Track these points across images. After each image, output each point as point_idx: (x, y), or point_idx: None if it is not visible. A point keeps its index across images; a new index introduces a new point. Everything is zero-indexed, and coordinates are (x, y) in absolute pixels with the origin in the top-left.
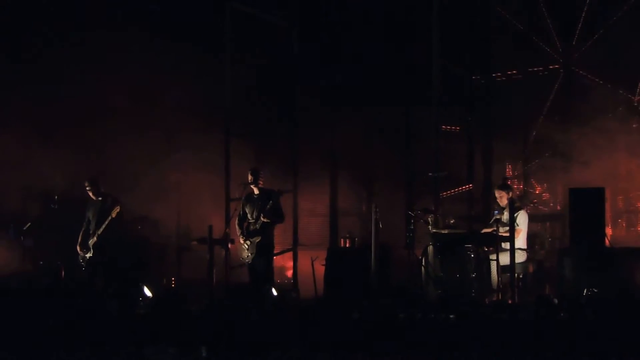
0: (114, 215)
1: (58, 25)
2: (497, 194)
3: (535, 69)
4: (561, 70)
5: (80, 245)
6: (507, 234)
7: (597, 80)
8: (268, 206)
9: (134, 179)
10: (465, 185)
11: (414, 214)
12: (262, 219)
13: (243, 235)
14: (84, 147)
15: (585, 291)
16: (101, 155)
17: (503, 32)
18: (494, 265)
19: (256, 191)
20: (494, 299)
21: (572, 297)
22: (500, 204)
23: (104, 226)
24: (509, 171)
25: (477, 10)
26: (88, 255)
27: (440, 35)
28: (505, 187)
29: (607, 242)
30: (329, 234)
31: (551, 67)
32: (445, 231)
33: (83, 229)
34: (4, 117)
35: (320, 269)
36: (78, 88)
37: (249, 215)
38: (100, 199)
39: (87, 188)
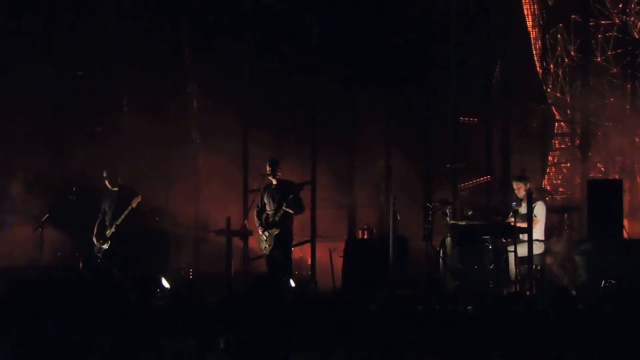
0: (134, 205)
1: (76, 17)
2: (515, 185)
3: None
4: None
5: (96, 237)
6: (525, 225)
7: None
8: (290, 197)
9: (151, 170)
10: (483, 177)
11: (432, 205)
12: (284, 208)
13: (262, 227)
14: (102, 137)
15: (603, 283)
16: (119, 146)
17: None
18: (511, 256)
19: (274, 182)
20: (512, 290)
21: (590, 289)
22: (518, 196)
23: (123, 216)
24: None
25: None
26: (105, 246)
27: (458, 28)
28: (523, 179)
29: (625, 233)
30: (347, 226)
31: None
32: (463, 223)
33: (98, 220)
34: (23, 109)
35: (339, 261)
36: (96, 79)
37: (267, 207)
38: (116, 189)
39: (105, 177)
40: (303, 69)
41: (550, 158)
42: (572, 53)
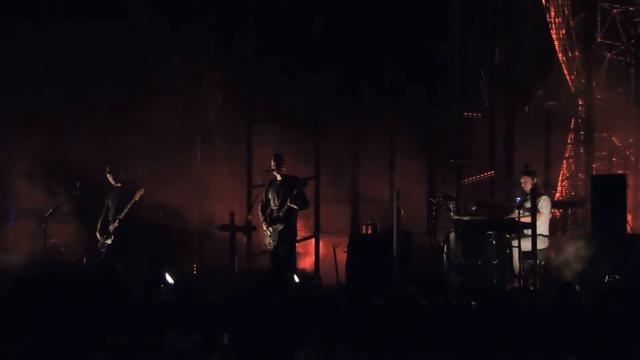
0: (137, 198)
1: (78, 17)
2: (522, 179)
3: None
4: None
5: (99, 232)
6: (529, 220)
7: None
8: (294, 193)
9: (156, 165)
10: (487, 172)
11: (435, 200)
12: (289, 204)
13: (266, 222)
14: (106, 133)
15: (607, 278)
16: (123, 142)
17: None
18: (515, 251)
19: (279, 178)
20: (516, 285)
21: (594, 284)
22: (525, 190)
23: (126, 210)
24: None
25: None
26: (108, 241)
27: (461, 23)
28: (530, 173)
29: (628, 228)
30: (350, 221)
31: None
32: (467, 218)
33: (102, 216)
34: (27, 105)
35: (342, 256)
36: (100, 76)
37: (271, 202)
38: (119, 184)
39: (108, 173)
40: (307, 65)
41: (569, 147)
42: (599, 39)
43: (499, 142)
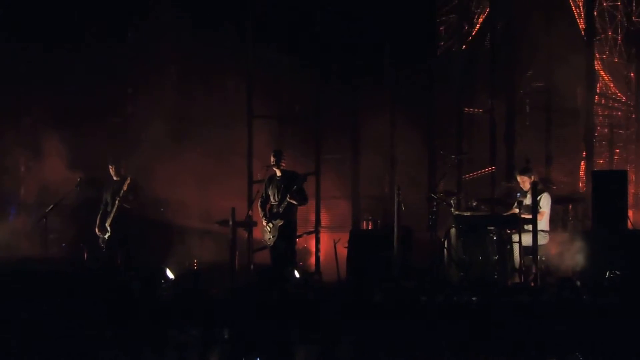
0: (125, 187)
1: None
2: (519, 179)
3: None
4: None
5: (98, 227)
6: (530, 216)
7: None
8: (294, 188)
9: (156, 161)
10: (487, 168)
11: (436, 196)
12: (288, 199)
13: (266, 218)
14: (107, 129)
15: (607, 273)
16: (124, 137)
17: None
18: (516, 247)
19: (279, 173)
20: (516, 281)
21: (595, 280)
22: (523, 189)
23: (117, 203)
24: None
25: None
26: (107, 236)
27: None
28: (526, 172)
29: (629, 224)
30: (351, 216)
31: None
32: (468, 213)
33: (101, 212)
34: (28, 101)
35: (343, 252)
36: (101, 71)
37: (271, 198)
38: (118, 179)
39: (110, 165)
40: (306, 59)
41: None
42: (633, 18)
43: (499, 137)
